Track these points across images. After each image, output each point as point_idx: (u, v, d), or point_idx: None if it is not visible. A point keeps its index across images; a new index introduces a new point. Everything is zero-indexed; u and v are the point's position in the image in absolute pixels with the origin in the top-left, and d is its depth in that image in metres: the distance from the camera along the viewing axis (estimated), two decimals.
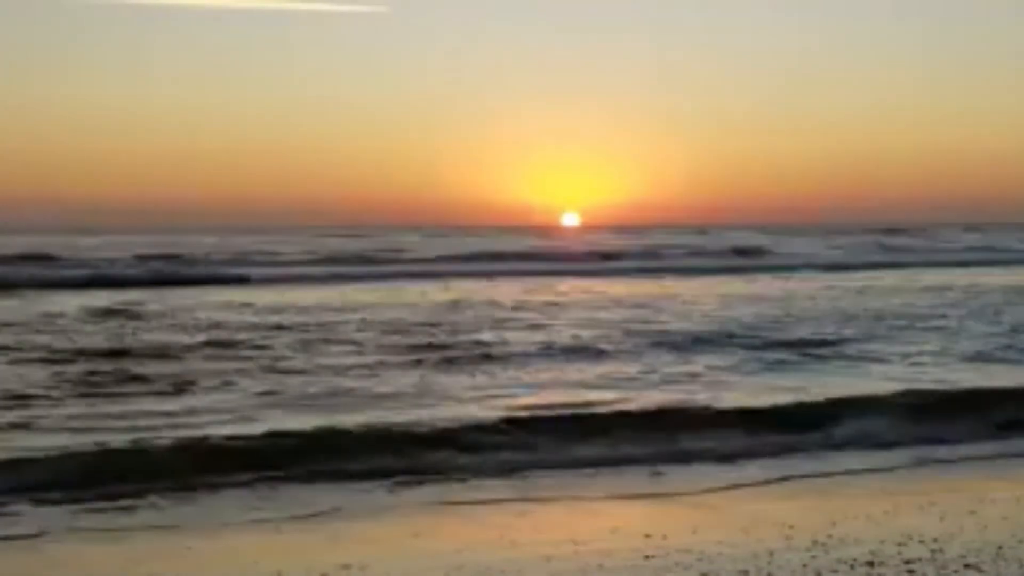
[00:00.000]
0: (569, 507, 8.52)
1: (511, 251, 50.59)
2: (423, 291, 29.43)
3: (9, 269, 36.18)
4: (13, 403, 11.94)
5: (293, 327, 19.42)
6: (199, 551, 7.31)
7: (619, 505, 8.55)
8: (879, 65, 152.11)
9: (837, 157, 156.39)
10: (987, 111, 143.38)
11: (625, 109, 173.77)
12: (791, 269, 41.98)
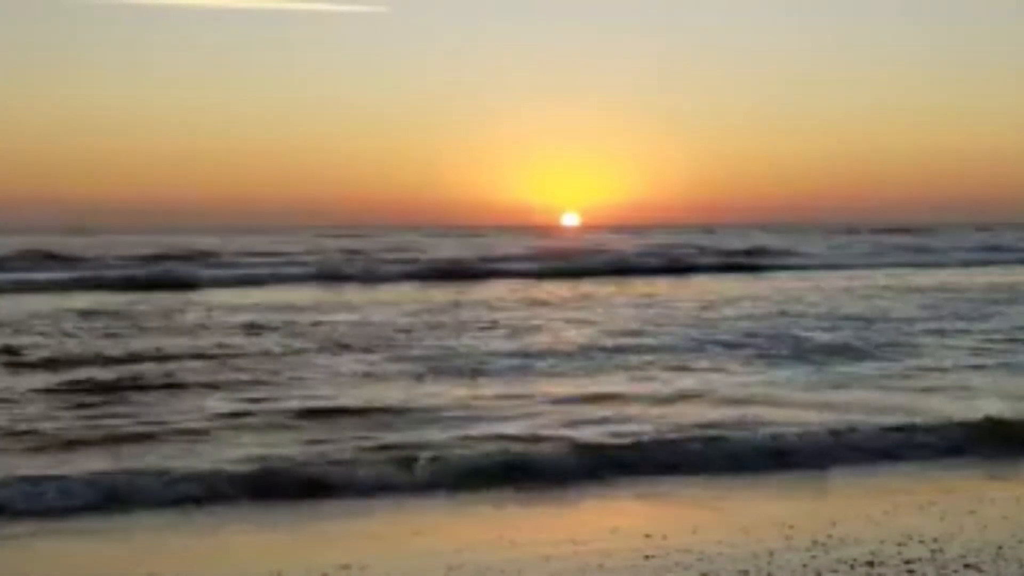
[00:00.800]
0: (569, 507, 8.53)
1: (517, 254, 49.55)
2: (424, 291, 29.39)
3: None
4: None
5: (293, 327, 19.40)
6: (199, 551, 7.31)
7: (619, 505, 8.56)
8: (880, 65, 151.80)
9: (837, 157, 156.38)
10: (988, 111, 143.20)
11: (625, 109, 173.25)
12: (805, 269, 41.47)
